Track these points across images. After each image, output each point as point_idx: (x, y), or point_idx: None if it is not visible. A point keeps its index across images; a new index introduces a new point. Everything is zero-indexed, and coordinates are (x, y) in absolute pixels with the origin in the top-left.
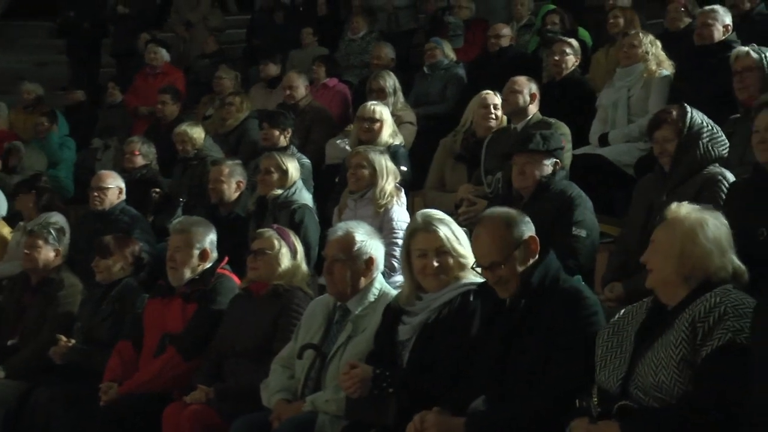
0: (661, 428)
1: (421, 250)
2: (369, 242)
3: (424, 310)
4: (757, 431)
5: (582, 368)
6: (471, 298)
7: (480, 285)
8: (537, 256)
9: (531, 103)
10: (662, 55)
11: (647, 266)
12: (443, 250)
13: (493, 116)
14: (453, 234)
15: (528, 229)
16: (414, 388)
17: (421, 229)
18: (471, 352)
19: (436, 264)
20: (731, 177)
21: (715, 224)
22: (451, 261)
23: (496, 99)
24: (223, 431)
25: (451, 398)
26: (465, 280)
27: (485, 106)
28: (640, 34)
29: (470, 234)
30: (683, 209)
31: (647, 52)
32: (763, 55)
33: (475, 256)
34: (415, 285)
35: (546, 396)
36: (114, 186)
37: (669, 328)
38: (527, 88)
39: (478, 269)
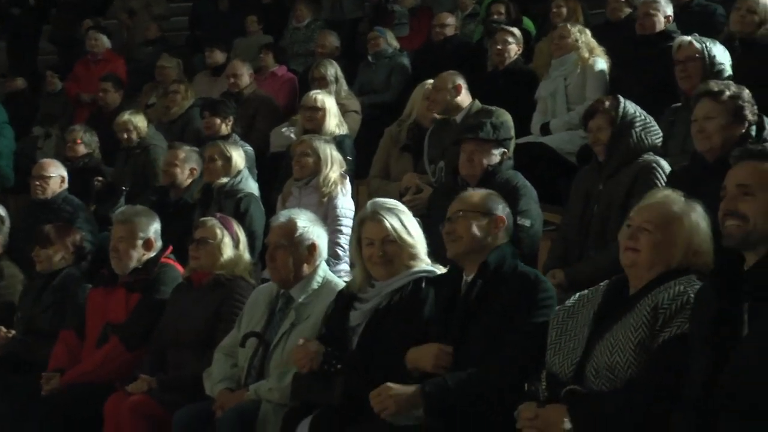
0: (608, 412)
1: (368, 239)
2: (311, 228)
3: (375, 297)
4: (688, 412)
5: (535, 350)
6: (423, 285)
7: (432, 273)
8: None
9: (458, 95)
10: (593, 42)
11: (631, 245)
12: (389, 239)
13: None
14: (401, 224)
15: (500, 211)
16: (362, 369)
17: (369, 218)
18: (422, 337)
19: (380, 253)
20: (665, 165)
21: (707, 218)
22: (397, 250)
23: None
24: (166, 422)
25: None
26: (417, 268)
27: (425, 96)
28: (568, 25)
29: (422, 224)
30: (679, 198)
31: (577, 41)
32: (704, 45)
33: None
34: (367, 272)
35: (500, 367)
36: (56, 175)
37: (630, 311)
38: (449, 83)
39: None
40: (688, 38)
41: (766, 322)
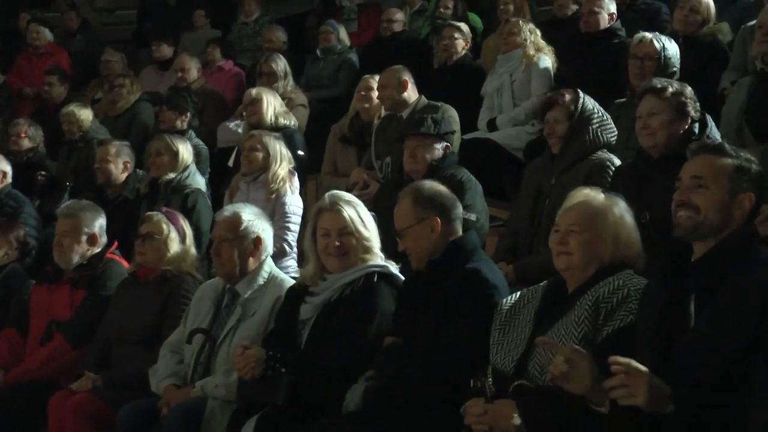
0: (558, 408)
1: (325, 230)
2: (256, 222)
3: (327, 290)
4: None
5: (475, 347)
6: (375, 279)
7: (385, 268)
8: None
9: (404, 91)
10: (541, 42)
11: (562, 249)
12: (346, 231)
13: (368, 97)
14: (358, 216)
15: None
16: (309, 369)
17: (326, 209)
18: (370, 330)
19: (337, 243)
20: (618, 162)
21: (629, 210)
22: (354, 242)
23: (372, 82)
24: (110, 419)
25: (348, 374)
26: (370, 263)
27: (360, 89)
28: (520, 22)
29: (376, 219)
30: (598, 194)
31: (526, 39)
32: (662, 45)
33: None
34: (320, 265)
35: (442, 362)
36: None
37: (570, 309)
38: (394, 79)
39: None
40: (650, 35)
41: (711, 312)
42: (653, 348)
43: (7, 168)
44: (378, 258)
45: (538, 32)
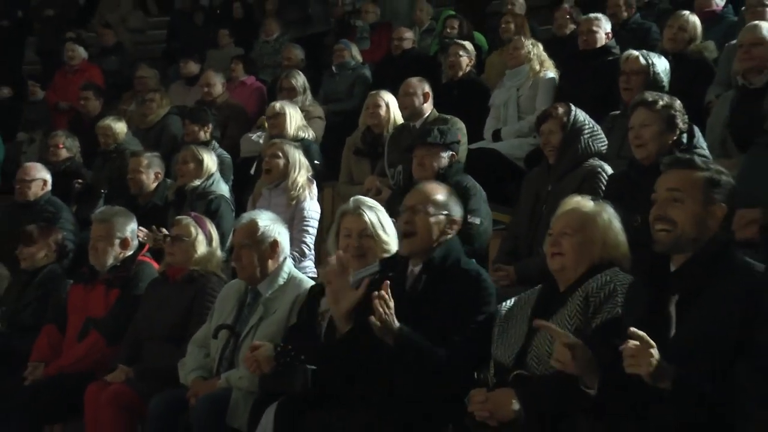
0: (552, 392)
1: (347, 230)
2: (272, 227)
3: None
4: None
5: (478, 344)
6: (390, 275)
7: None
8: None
9: (425, 102)
10: (544, 55)
11: (555, 250)
12: (366, 233)
13: (375, 113)
14: (379, 221)
15: (455, 212)
16: (330, 356)
17: (350, 212)
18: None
19: (356, 245)
20: (609, 169)
21: (617, 215)
22: (372, 245)
23: (378, 98)
24: (142, 409)
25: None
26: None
27: (368, 106)
28: (523, 38)
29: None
30: (588, 202)
31: (530, 53)
32: (650, 62)
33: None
34: None
35: (447, 360)
36: (39, 178)
37: (563, 305)
38: (420, 89)
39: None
40: (636, 53)
41: (692, 317)
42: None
43: (48, 176)
44: None
45: (540, 45)
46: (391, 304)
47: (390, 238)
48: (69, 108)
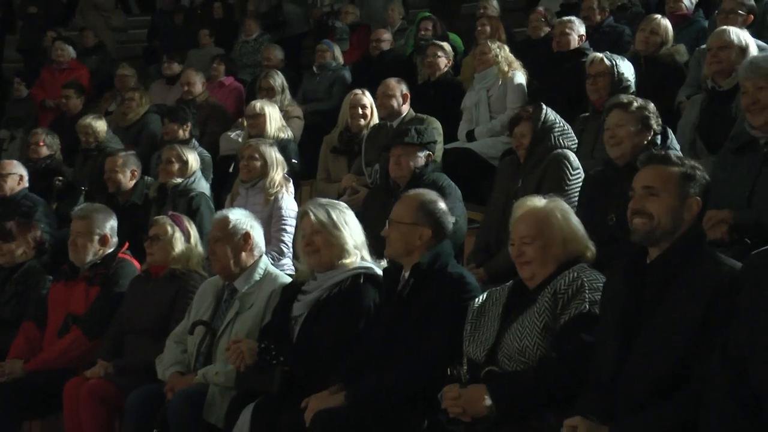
0: (522, 387)
1: (302, 231)
2: (243, 220)
3: (317, 289)
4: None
5: (455, 342)
6: (361, 281)
7: (371, 270)
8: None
9: (404, 103)
10: (511, 57)
11: (522, 260)
12: (315, 231)
13: (362, 114)
14: (329, 217)
15: (423, 222)
16: (303, 359)
17: (302, 213)
18: (355, 328)
19: (307, 242)
20: (573, 157)
21: (570, 209)
22: (323, 241)
23: (364, 99)
24: (120, 403)
25: (340, 370)
26: (356, 264)
27: (354, 106)
28: (489, 42)
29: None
30: (539, 201)
31: (497, 56)
32: (614, 63)
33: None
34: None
35: (419, 365)
36: (15, 173)
37: (532, 303)
38: (398, 90)
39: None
40: (600, 55)
41: (666, 308)
42: (617, 339)
43: (24, 172)
44: (358, 257)
45: (506, 48)
46: None
47: (345, 234)
48: (55, 105)
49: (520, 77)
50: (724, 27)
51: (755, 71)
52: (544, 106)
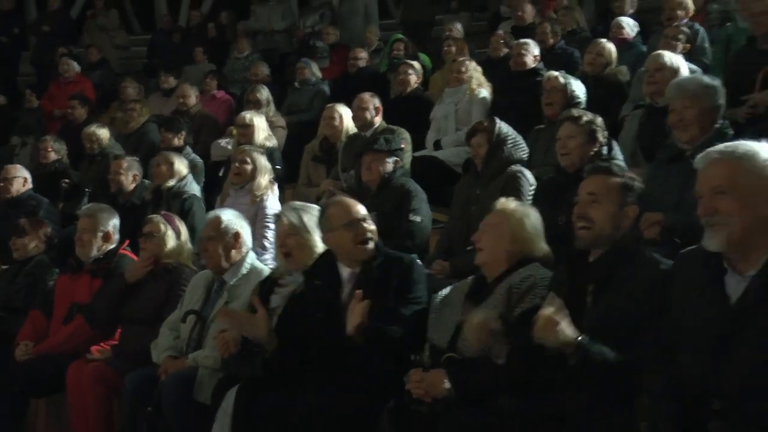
0: (478, 373)
1: (277, 232)
2: (234, 220)
3: (292, 283)
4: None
5: (411, 323)
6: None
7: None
8: None
9: (377, 115)
10: (482, 78)
11: (478, 245)
12: (288, 233)
13: (331, 124)
14: (300, 221)
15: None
16: (282, 348)
17: (279, 216)
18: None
19: (280, 245)
20: (528, 173)
21: (535, 216)
22: (295, 244)
23: (334, 111)
24: (118, 384)
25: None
26: None
27: (325, 117)
28: (467, 62)
29: None
30: (511, 203)
31: (471, 77)
32: (567, 81)
33: None
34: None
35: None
36: (19, 176)
37: (490, 295)
38: (371, 104)
39: None
40: (556, 73)
41: (604, 302)
42: None
43: (27, 174)
44: None
45: (480, 69)
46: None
47: (313, 236)
48: (62, 115)
49: (485, 94)
50: (660, 51)
51: (682, 92)
52: (497, 120)
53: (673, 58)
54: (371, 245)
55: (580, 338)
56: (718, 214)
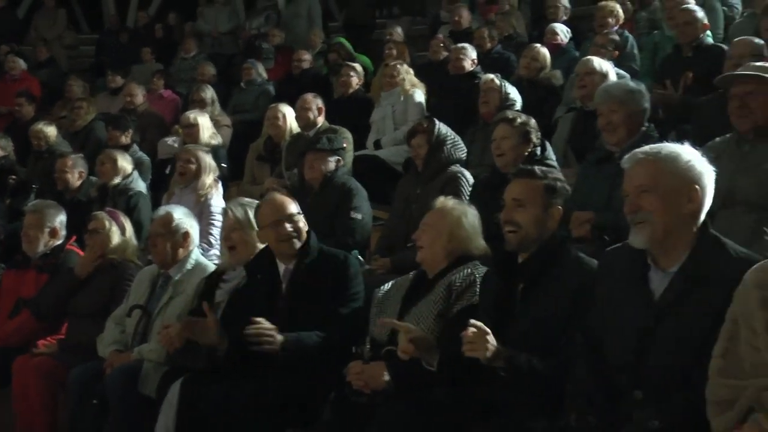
0: (416, 366)
1: (222, 226)
2: (185, 220)
3: (235, 278)
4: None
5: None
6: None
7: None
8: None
9: (319, 115)
10: (415, 79)
11: (418, 243)
12: (233, 228)
13: (274, 124)
14: (246, 216)
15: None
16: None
17: (225, 211)
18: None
19: (225, 239)
20: (468, 174)
21: (473, 214)
22: (239, 238)
23: (278, 111)
24: (64, 378)
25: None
26: None
27: (269, 117)
28: (398, 66)
29: None
30: (450, 202)
31: (403, 79)
32: (503, 83)
33: None
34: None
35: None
36: None
37: (430, 291)
38: (314, 104)
39: None
40: (491, 76)
41: (533, 300)
42: (490, 327)
43: None
44: None
45: (411, 71)
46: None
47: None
48: (8, 112)
49: (420, 95)
50: (590, 57)
51: (609, 97)
52: (436, 121)
53: (602, 64)
54: (295, 243)
55: (509, 354)
56: (642, 210)
